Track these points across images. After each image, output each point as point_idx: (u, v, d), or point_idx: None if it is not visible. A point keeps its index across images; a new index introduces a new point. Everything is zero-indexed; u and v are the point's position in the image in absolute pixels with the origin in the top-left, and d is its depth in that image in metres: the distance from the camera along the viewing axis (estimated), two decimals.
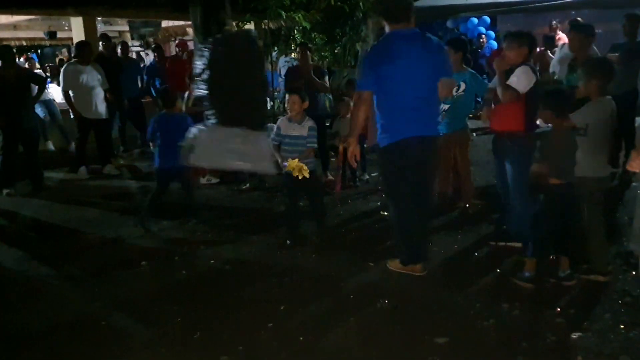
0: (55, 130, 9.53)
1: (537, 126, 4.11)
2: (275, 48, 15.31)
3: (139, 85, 9.54)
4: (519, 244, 4.46)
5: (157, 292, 4.28)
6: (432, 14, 12.51)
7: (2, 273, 4.75)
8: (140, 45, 16.93)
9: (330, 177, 7.19)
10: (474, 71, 5.67)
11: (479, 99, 6.51)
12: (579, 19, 7.21)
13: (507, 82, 4.20)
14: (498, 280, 4.19)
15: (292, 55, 14.42)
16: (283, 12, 8.49)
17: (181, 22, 13.54)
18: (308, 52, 7.26)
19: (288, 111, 5.17)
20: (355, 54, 12.77)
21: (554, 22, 10.23)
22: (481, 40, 11.61)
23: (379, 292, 4.02)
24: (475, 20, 12.73)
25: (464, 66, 5.60)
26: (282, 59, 14.36)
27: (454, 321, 3.60)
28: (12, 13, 9.31)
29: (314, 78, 6.92)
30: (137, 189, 7.29)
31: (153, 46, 10.50)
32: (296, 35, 14.45)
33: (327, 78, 7.32)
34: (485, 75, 8.69)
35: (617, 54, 6.73)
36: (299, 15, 8.81)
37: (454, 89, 5.39)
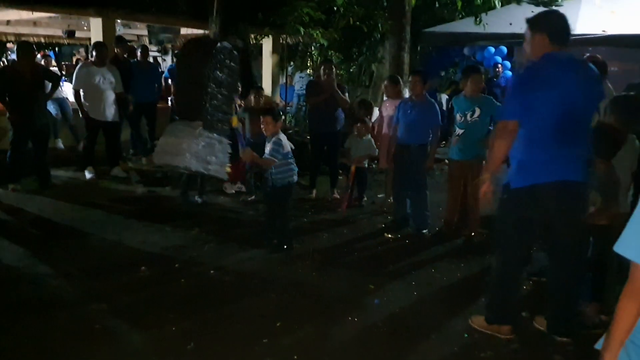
0: (66, 129, 9.56)
1: None
2: (292, 63, 15.45)
3: (156, 89, 9.58)
4: None
5: (154, 298, 4.23)
6: (450, 40, 12.53)
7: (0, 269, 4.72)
8: (158, 51, 17.07)
9: (336, 195, 7.17)
10: (490, 97, 5.64)
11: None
12: (597, 55, 7.15)
13: None
14: None
15: (308, 72, 14.54)
16: (302, 28, 8.52)
17: (200, 31, 13.61)
18: (333, 67, 7.26)
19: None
20: (370, 74, 12.83)
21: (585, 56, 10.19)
22: (497, 69, 11.61)
23: (378, 316, 3.97)
24: (492, 49, 12.75)
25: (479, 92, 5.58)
26: (298, 74, 14.46)
27: (450, 350, 3.55)
28: (33, 9, 9.35)
29: (338, 93, 6.93)
30: (144, 193, 7.28)
31: (175, 51, 10.55)
32: (313, 52, 14.57)
33: (347, 95, 7.32)
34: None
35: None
36: (317, 32, 8.84)
37: (469, 114, 5.40)
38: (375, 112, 7.90)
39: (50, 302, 4.10)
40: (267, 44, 11.87)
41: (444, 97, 12.01)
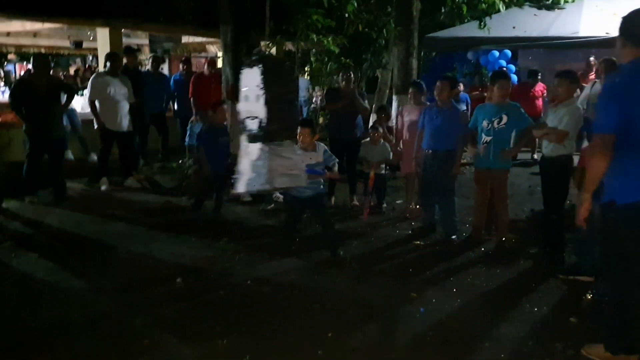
0: (76, 140, 9.47)
1: None
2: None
3: (166, 99, 9.54)
4: (590, 278, 4.45)
5: (195, 311, 4.18)
6: (453, 45, 12.57)
7: (35, 285, 4.65)
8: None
9: (355, 202, 7.14)
10: (517, 104, 5.65)
11: None
12: (613, 57, 7.21)
13: None
14: (548, 317, 4.11)
15: (306, 77, 14.51)
16: (314, 36, 8.51)
17: (201, 39, 13.58)
18: (352, 74, 7.26)
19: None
20: (369, 80, 12.84)
21: (592, 58, 10.26)
22: None
23: (426, 325, 3.94)
24: (497, 53, 12.80)
25: (506, 98, 5.59)
26: (301, 80, 14.43)
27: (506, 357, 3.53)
28: (42, 21, 9.29)
29: (359, 99, 6.92)
30: (160, 204, 7.22)
31: (182, 59, 10.49)
32: (311, 59, 14.55)
33: (366, 102, 7.31)
34: None
35: None
36: (328, 39, 8.83)
37: (495, 121, 5.41)
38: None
39: (93, 318, 4.03)
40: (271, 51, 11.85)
41: None
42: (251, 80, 4.45)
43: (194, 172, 8.58)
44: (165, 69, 18.01)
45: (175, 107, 10.10)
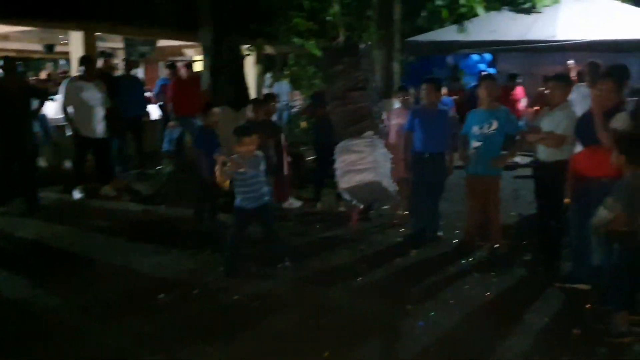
0: (48, 147, 9.12)
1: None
2: (269, 74, 15.26)
3: (141, 104, 9.24)
4: (588, 286, 4.37)
5: (182, 328, 3.95)
6: (433, 49, 12.53)
7: (5, 302, 4.37)
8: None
9: (342, 208, 6.97)
10: (507, 109, 5.54)
11: None
12: (597, 61, 7.18)
13: (612, 126, 4.04)
14: (551, 328, 3.97)
15: (286, 81, 14.35)
16: (297, 39, 8.33)
17: (177, 42, 13.32)
18: None
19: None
20: None
21: (570, 62, 10.28)
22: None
23: (427, 339, 3.77)
24: (476, 57, 12.78)
25: (497, 103, 5.48)
26: (277, 84, 14.27)
27: None
28: (13, 24, 8.94)
29: None
30: (139, 213, 6.94)
31: (167, 64, 10.21)
32: (290, 63, 14.41)
33: None
34: None
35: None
36: (311, 43, 8.67)
37: (486, 126, 5.29)
38: None
39: (72, 337, 3.79)
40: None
41: None
42: None
43: (171, 178, 8.35)
44: (140, 73, 17.82)
45: (160, 111, 9.84)
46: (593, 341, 3.71)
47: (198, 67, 9.89)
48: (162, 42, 13.20)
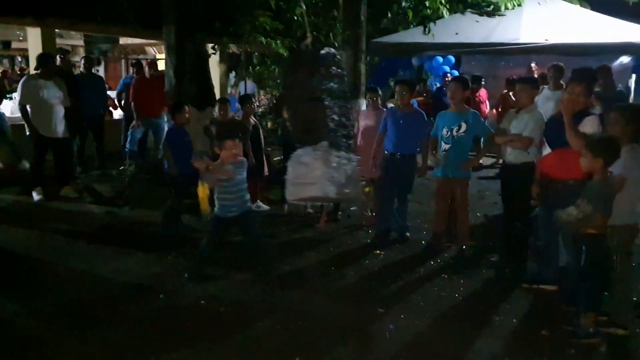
0: (5, 147, 8.79)
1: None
2: (234, 72, 15.10)
3: (102, 102, 9.01)
4: (554, 287, 4.44)
5: (148, 337, 3.82)
6: (398, 50, 12.58)
7: None
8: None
9: (309, 209, 6.91)
10: (476, 112, 5.58)
11: None
12: (560, 63, 7.31)
13: (581, 130, 4.08)
14: (519, 330, 3.99)
15: (250, 80, 14.24)
16: (263, 38, 8.24)
17: (139, 40, 13.06)
18: None
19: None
20: None
21: (533, 64, 10.47)
22: (446, 79, 11.73)
23: (400, 343, 3.75)
24: (440, 59, 12.89)
25: (466, 105, 5.51)
26: (242, 83, 14.15)
27: None
28: None
29: None
30: (101, 215, 6.75)
31: (132, 62, 9.98)
32: (254, 62, 14.28)
33: None
34: None
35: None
36: (277, 42, 8.58)
37: (455, 129, 5.31)
38: None
39: (26, 345, 3.63)
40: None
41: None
42: None
43: (135, 179, 8.18)
44: (101, 71, 17.43)
45: (122, 111, 9.62)
46: (561, 342, 3.75)
47: (162, 65, 9.73)
48: (124, 40, 12.93)
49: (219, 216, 4.77)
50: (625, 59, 10.95)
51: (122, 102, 9.59)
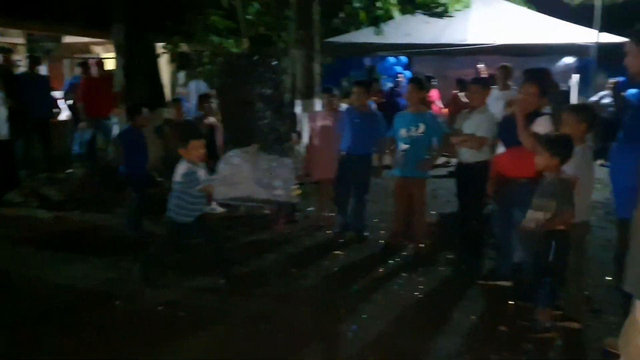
0: None
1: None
2: (183, 72, 14.83)
3: (49, 103, 8.69)
4: (509, 283, 4.53)
5: (103, 343, 3.71)
6: (351, 50, 12.66)
7: None
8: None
9: (266, 211, 6.86)
10: (433, 113, 5.66)
11: None
12: (508, 64, 7.50)
13: (534, 130, 4.18)
14: (479, 326, 4.06)
15: (201, 80, 14.01)
16: (215, 37, 8.12)
17: (86, 39, 12.68)
18: None
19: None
20: None
21: (481, 65, 10.68)
22: (398, 79, 11.86)
23: (362, 343, 3.75)
24: (392, 59, 13.03)
25: (423, 106, 5.58)
26: (192, 83, 13.90)
27: None
28: None
29: None
30: (50, 220, 6.52)
31: (80, 62, 9.65)
32: (204, 61, 14.07)
33: None
34: None
35: None
36: (230, 41, 8.48)
37: (413, 129, 5.37)
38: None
39: None
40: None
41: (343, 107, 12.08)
42: None
43: (84, 182, 7.93)
44: (43, 70, 16.82)
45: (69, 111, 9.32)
46: (519, 337, 3.83)
47: (110, 65, 9.47)
48: (69, 39, 12.52)
49: (177, 221, 4.65)
50: (569, 60, 11.32)
51: (69, 102, 9.28)
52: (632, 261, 2.62)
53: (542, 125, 4.19)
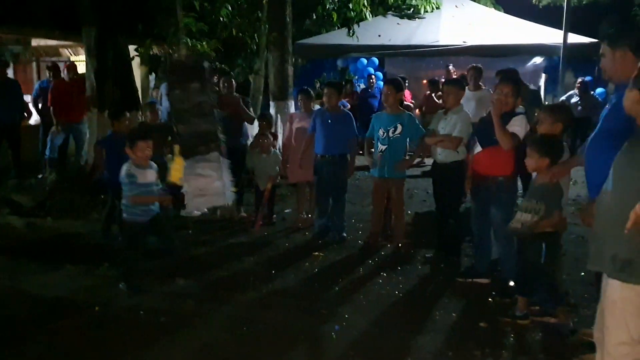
0: None
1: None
2: (154, 74, 14.69)
3: (18, 108, 8.51)
4: (487, 280, 4.63)
5: (87, 350, 3.66)
6: (323, 52, 12.72)
7: None
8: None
9: (243, 213, 6.84)
10: (411, 114, 5.71)
11: None
12: (479, 65, 7.61)
13: (510, 129, 4.25)
14: (459, 323, 4.10)
15: None
16: (188, 40, 8.05)
17: (54, 42, 12.45)
18: (233, 81, 6.94)
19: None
20: (245, 86, 12.55)
21: (450, 66, 10.81)
22: (371, 80, 11.94)
23: (344, 343, 3.76)
24: (365, 61, 13.11)
25: (401, 108, 5.64)
26: (164, 86, 13.76)
27: None
28: None
29: (243, 108, 6.67)
30: (23, 227, 6.39)
31: (49, 65, 9.46)
32: None
33: (252, 109, 7.08)
34: None
35: None
36: (203, 43, 8.43)
37: (391, 130, 5.41)
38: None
39: None
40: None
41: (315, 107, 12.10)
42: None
43: (56, 188, 7.78)
44: (10, 74, 16.45)
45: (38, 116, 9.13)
46: (500, 333, 3.89)
47: (81, 68, 9.33)
48: (37, 42, 12.27)
49: (133, 221, 4.60)
50: (538, 60, 11.53)
51: (39, 107, 9.10)
52: (594, 239, 2.71)
53: (517, 125, 4.27)
